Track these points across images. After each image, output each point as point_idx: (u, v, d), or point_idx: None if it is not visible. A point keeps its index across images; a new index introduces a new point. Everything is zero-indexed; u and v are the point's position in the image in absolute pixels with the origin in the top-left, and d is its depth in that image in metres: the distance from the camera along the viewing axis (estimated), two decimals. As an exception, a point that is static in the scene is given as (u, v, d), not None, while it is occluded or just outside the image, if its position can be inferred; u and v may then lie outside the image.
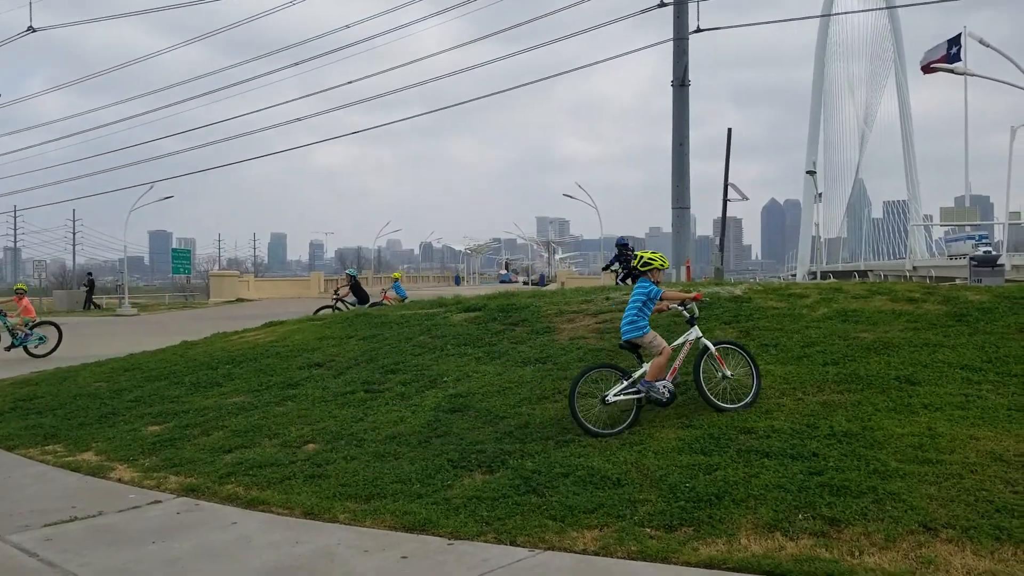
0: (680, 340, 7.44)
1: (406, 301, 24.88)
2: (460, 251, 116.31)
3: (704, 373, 7.18)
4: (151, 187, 47.80)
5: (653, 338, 7.29)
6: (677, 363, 7.29)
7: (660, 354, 7.13)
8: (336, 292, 25.14)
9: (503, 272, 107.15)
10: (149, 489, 6.67)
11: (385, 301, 23.90)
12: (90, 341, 22.44)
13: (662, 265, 7.54)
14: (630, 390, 7.10)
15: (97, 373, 12.31)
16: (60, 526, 5.79)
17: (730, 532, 4.92)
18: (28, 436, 8.79)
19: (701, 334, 7.45)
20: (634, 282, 8.42)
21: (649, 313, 7.38)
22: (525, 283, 75.99)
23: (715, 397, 7.10)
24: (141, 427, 8.72)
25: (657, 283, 7.44)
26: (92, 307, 44.11)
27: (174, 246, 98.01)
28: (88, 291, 45.96)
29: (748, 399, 7.08)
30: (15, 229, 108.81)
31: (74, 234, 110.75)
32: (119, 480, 7.01)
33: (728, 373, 7.23)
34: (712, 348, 7.30)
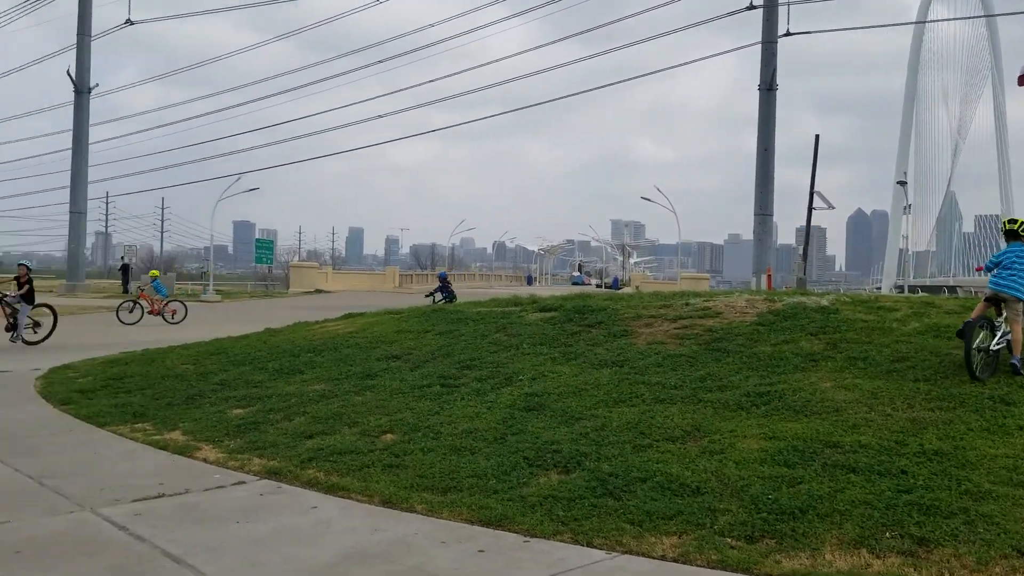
0: None
1: (167, 298, 24.81)
2: (533, 251, 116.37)
3: None
4: (238, 178, 49.18)
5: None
6: None
7: (1016, 323, 7.69)
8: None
9: (576, 274, 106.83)
10: (233, 470, 6.85)
11: (143, 301, 24.15)
12: (177, 325, 23.20)
13: None
14: (1000, 341, 7.73)
15: (184, 356, 12.71)
16: (148, 502, 5.99)
17: (814, 546, 4.80)
18: (118, 414, 9.11)
19: None
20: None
21: None
22: (598, 285, 75.62)
23: None
24: (226, 409, 8.96)
25: None
26: (127, 291, 46.09)
27: (257, 237, 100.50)
28: (125, 276, 48.09)
29: None
30: (106, 214, 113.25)
31: (162, 221, 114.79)
32: (204, 460, 7.21)
33: None
34: None
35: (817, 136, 29.44)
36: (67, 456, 7.42)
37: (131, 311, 23.46)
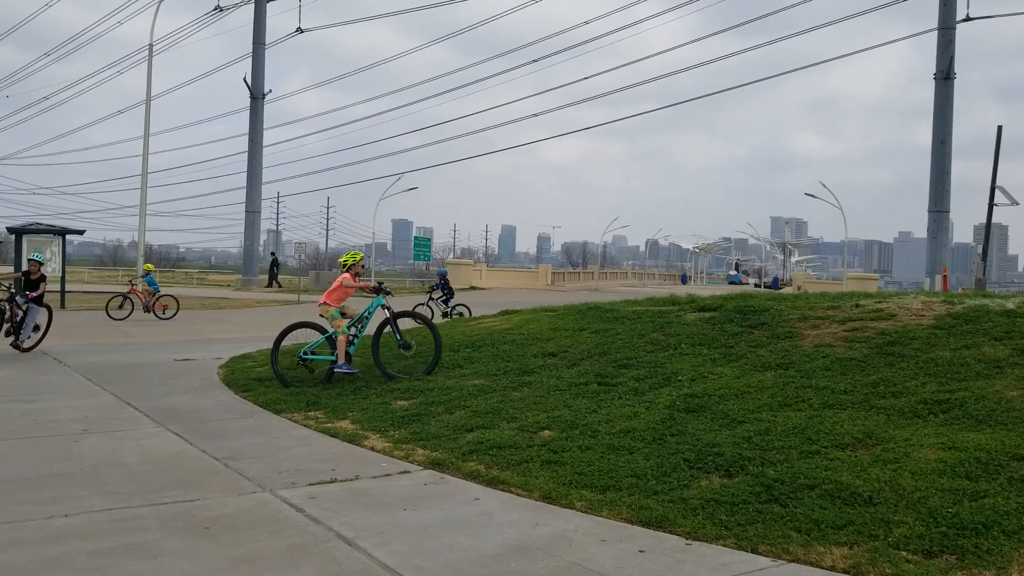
0: None
1: (158, 293, 23.83)
2: (688, 249, 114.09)
3: None
4: (399, 178, 50.98)
5: None
6: None
7: None
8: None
9: (732, 272, 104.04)
10: (398, 459, 7.11)
11: (132, 294, 23.42)
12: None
13: None
14: None
15: (350, 348, 13.28)
16: (322, 486, 6.31)
17: (999, 565, 4.49)
18: (293, 402, 9.64)
19: None
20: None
21: None
22: (756, 285, 73.40)
23: None
24: (391, 401, 9.32)
25: None
26: (276, 285, 48.13)
27: (415, 234, 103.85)
28: (273, 270, 50.31)
29: None
30: (277, 213, 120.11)
31: (327, 219, 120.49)
32: (372, 448, 7.53)
33: None
34: None
35: (1000, 127, 27.41)
36: (248, 440, 7.93)
37: (120, 306, 22.85)
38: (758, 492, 5.69)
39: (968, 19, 27.05)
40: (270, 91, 52.19)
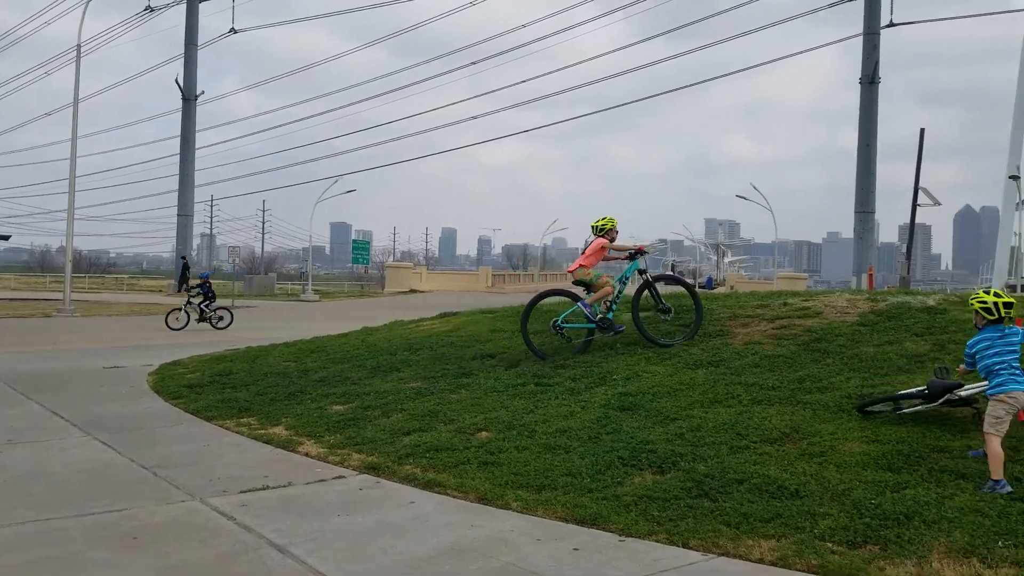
0: None
1: None
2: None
3: None
4: (336, 180, 50.50)
5: None
6: None
7: None
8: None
9: (668, 273, 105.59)
10: (333, 465, 7.04)
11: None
12: (278, 323, 23.99)
13: None
14: None
15: (286, 353, 13.13)
16: (254, 493, 6.22)
17: (920, 554, 4.64)
18: (225, 408, 9.48)
19: None
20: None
21: None
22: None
23: None
24: (326, 405, 9.23)
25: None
26: (186, 289, 46.92)
27: (353, 238, 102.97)
28: (185, 273, 48.97)
29: None
30: (211, 217, 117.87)
31: (263, 223, 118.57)
32: (306, 454, 7.44)
33: None
34: None
35: (922, 130, 28.36)
36: (178, 448, 7.77)
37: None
38: (689, 487, 5.80)
39: (892, 24, 27.89)
40: (203, 92, 51.26)
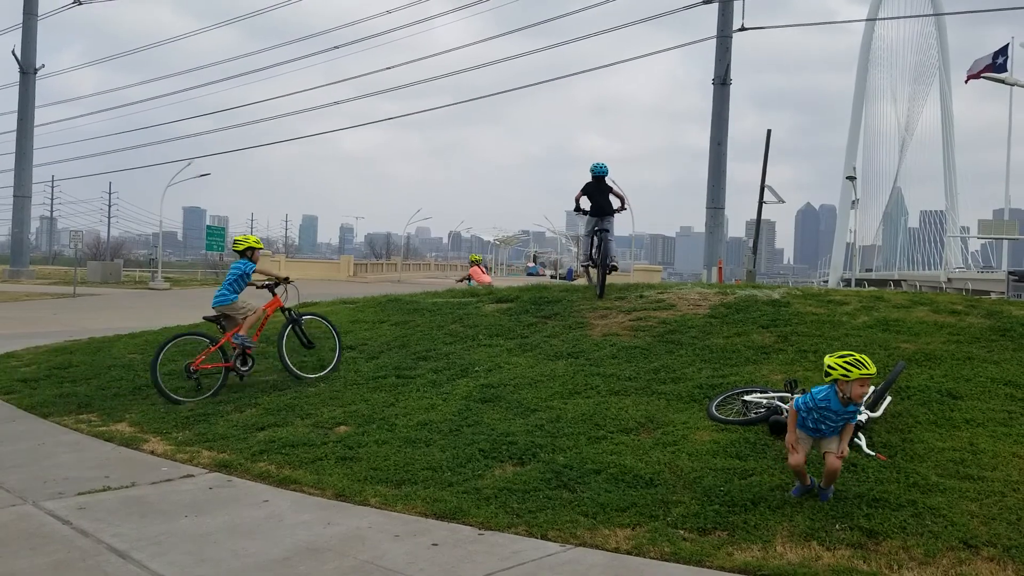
0: None
1: None
2: (489, 242, 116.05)
3: None
4: (188, 164, 48.32)
5: None
6: None
7: None
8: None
9: (531, 264, 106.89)
10: (182, 463, 6.71)
11: None
12: (125, 312, 22.73)
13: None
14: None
15: (131, 345, 12.42)
16: (93, 495, 5.84)
17: (765, 539, 4.85)
18: (62, 404, 8.88)
19: None
20: None
21: None
22: (552, 276, 75.80)
23: None
24: (174, 401, 8.77)
25: None
26: None
27: (208, 223, 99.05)
28: None
29: None
30: (52, 199, 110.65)
31: (109, 206, 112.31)
32: (152, 452, 7.06)
33: None
34: None
35: (769, 131, 29.82)
36: (8, 448, 7.21)
37: None
38: (549, 479, 5.85)
39: (743, 29, 29.15)
40: (43, 66, 47.88)
